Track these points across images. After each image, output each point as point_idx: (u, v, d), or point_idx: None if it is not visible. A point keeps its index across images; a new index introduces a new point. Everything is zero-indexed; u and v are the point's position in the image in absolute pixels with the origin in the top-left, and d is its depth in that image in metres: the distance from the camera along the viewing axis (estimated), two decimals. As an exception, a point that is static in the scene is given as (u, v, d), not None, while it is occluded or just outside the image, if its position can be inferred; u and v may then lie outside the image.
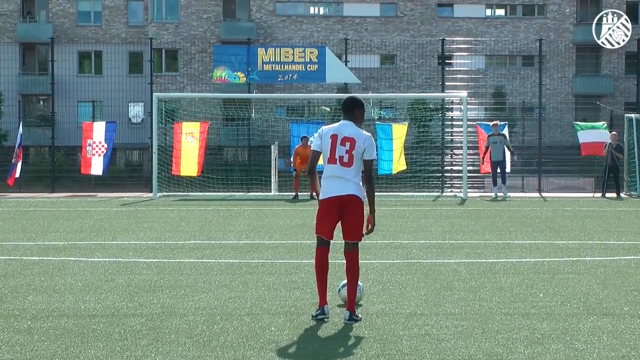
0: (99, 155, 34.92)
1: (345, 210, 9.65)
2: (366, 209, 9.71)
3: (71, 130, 49.14)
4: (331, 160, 9.67)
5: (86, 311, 10.19)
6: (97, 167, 35.12)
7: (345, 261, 9.81)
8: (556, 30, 65.46)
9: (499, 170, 32.70)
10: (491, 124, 33.93)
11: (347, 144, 9.63)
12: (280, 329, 9.20)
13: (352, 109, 9.86)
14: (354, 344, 8.56)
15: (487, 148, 32.72)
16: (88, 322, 9.53)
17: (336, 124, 9.88)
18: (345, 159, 9.62)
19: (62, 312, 10.16)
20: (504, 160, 32.68)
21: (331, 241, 9.81)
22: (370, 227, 9.82)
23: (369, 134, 9.77)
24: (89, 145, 35.01)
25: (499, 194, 32.48)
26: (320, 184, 9.95)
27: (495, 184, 32.90)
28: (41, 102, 67.74)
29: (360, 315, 9.72)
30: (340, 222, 9.76)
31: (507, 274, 13.00)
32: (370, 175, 9.78)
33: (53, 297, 11.13)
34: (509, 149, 32.98)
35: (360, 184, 9.74)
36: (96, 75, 64.50)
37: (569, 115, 60.22)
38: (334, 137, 9.69)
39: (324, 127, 9.89)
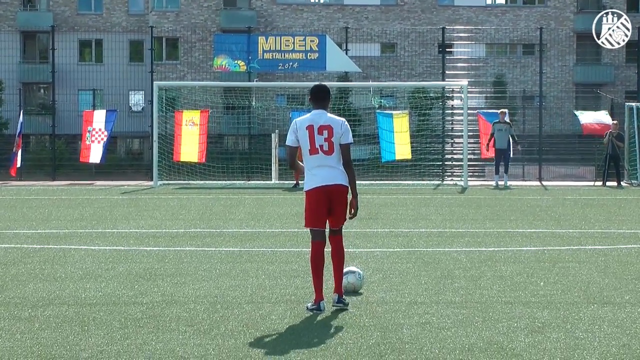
0: (98, 142, 34.75)
1: (333, 200, 9.67)
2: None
3: (72, 119, 49.10)
4: (313, 151, 9.63)
5: (87, 299, 10.18)
6: (95, 155, 34.93)
7: (332, 250, 9.82)
8: (557, 19, 65.30)
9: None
10: (499, 111, 33.67)
11: (325, 132, 9.59)
12: (281, 318, 9.20)
13: (323, 98, 9.81)
14: (354, 332, 8.53)
15: (492, 135, 32.56)
16: (88, 310, 9.52)
17: (309, 115, 9.78)
18: (326, 147, 9.59)
19: (63, 300, 10.16)
20: (508, 149, 32.51)
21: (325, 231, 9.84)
22: (353, 211, 9.82)
23: (344, 119, 9.80)
24: (89, 132, 34.82)
25: (500, 183, 32.43)
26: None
27: (497, 172, 32.78)
28: (42, 91, 67.60)
29: (347, 300, 9.72)
30: (328, 210, 9.75)
31: (508, 263, 13.00)
32: (349, 160, 9.69)
33: (53, 285, 11.13)
34: (513, 138, 32.75)
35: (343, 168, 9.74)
36: (97, 63, 64.35)
37: (569, 104, 60.06)
38: (310, 128, 9.62)
39: (297, 120, 9.78)
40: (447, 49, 48.46)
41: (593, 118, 36.10)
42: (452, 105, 39.76)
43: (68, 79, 56.00)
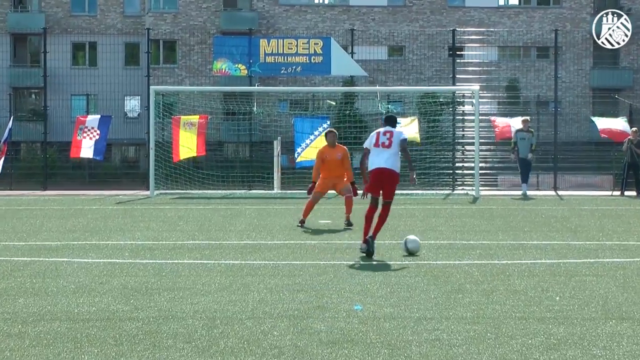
0: (90, 138, 34.03)
1: (384, 179, 14.97)
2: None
3: (64, 125, 48.61)
4: (376, 145, 15.07)
5: (80, 315, 10.10)
6: (87, 150, 34.17)
7: (380, 211, 15.03)
8: (572, 21, 64.97)
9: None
10: (521, 119, 33.47)
11: (388, 134, 15.06)
12: (283, 334, 9.08)
13: (391, 121, 15.53)
14: (360, 349, 8.42)
15: (514, 144, 32.31)
16: (82, 326, 9.44)
17: (381, 128, 15.37)
18: (387, 143, 14.95)
19: (55, 315, 10.07)
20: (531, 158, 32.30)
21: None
22: (414, 180, 15.99)
23: (401, 130, 15.86)
24: (80, 129, 34.05)
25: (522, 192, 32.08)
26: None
27: (523, 181, 32.41)
28: (33, 96, 67.43)
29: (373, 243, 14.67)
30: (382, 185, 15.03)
31: (522, 276, 12.91)
32: (405, 147, 15.25)
33: (45, 300, 11.04)
34: (531, 147, 32.32)
35: (398, 161, 15.04)
36: (91, 67, 64.26)
37: (586, 110, 59.75)
38: (377, 133, 15.17)
39: (373, 133, 15.36)
40: (458, 52, 48.44)
41: (611, 123, 35.99)
42: (463, 111, 39.45)
43: (60, 83, 55.95)
